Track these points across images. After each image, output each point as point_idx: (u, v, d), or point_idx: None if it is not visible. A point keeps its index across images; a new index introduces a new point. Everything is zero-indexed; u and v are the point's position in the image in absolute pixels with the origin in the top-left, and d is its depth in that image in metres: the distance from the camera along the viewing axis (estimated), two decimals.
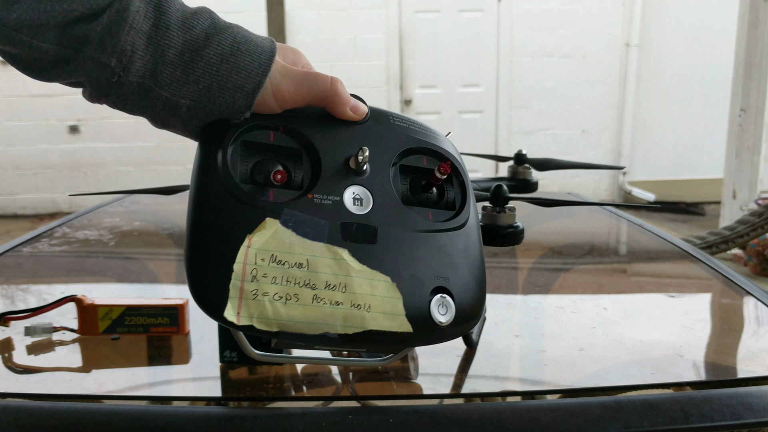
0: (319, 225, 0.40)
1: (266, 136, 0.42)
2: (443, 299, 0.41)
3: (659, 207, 5.38)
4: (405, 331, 0.40)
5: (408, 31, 5.17)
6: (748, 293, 0.82)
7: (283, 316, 0.38)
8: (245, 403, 0.56)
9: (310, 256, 0.39)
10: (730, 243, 2.81)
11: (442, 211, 0.44)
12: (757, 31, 3.53)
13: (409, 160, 0.45)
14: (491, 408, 0.51)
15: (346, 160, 0.43)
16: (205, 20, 0.40)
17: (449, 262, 0.42)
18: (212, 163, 0.40)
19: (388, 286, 0.40)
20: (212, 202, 0.39)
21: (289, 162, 0.42)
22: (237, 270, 0.38)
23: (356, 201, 0.42)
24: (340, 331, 0.39)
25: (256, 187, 0.40)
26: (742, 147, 3.65)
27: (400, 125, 0.46)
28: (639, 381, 0.58)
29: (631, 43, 5.26)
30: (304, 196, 0.41)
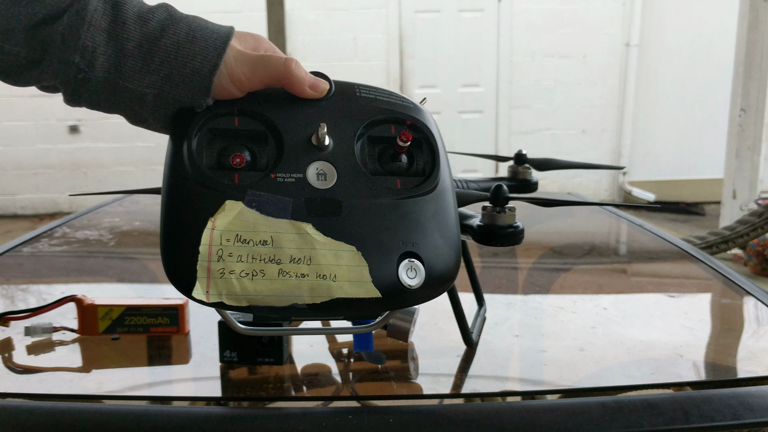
0: (282, 202, 0.42)
1: (231, 122, 0.44)
2: (411, 263, 0.42)
3: (659, 207, 5.38)
4: (373, 296, 0.41)
5: (408, 31, 5.17)
6: (748, 293, 0.82)
7: (251, 292, 0.40)
8: (245, 403, 0.56)
9: (274, 233, 0.41)
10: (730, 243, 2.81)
11: (412, 178, 0.45)
12: (757, 31, 3.53)
13: (377, 131, 0.46)
14: (491, 408, 0.51)
15: (308, 137, 0.44)
16: (161, 13, 0.43)
17: (418, 227, 0.43)
18: (180, 152, 0.42)
19: (353, 255, 0.41)
20: (180, 190, 0.42)
21: (255, 144, 0.44)
22: (203, 251, 0.40)
23: (320, 176, 0.43)
24: (308, 302, 0.41)
25: (222, 172, 0.42)
26: (742, 147, 3.65)
27: (366, 96, 0.47)
28: (639, 381, 0.58)
29: (631, 43, 5.26)
30: (267, 176, 0.42)
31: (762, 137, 3.77)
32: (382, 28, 5.15)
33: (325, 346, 0.67)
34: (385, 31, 5.16)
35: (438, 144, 0.47)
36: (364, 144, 0.45)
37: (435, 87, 5.25)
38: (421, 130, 0.46)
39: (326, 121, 0.44)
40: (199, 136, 0.43)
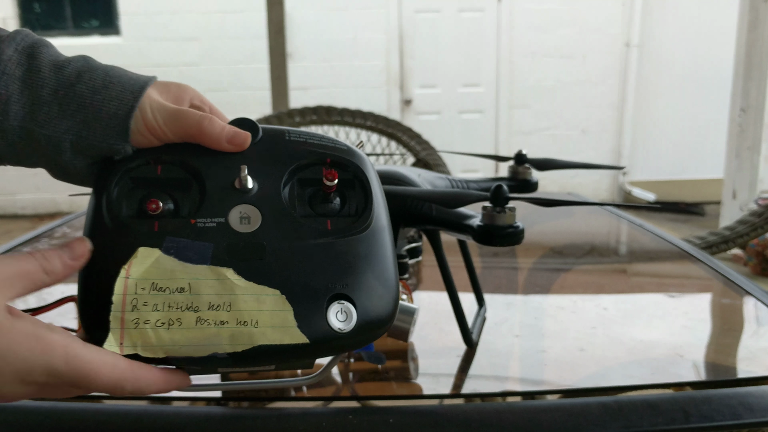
0: (202, 248, 0.40)
1: (153, 170, 0.43)
2: (342, 305, 0.40)
3: (659, 207, 5.38)
4: (299, 342, 0.39)
5: (408, 31, 5.17)
6: (748, 293, 0.82)
7: (167, 342, 0.38)
8: (245, 403, 0.56)
9: (192, 280, 0.39)
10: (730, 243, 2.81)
11: (343, 219, 0.44)
12: (757, 31, 3.53)
13: (306, 173, 0.44)
14: (491, 408, 0.51)
15: (232, 182, 0.43)
16: (77, 62, 0.43)
17: (349, 268, 0.41)
18: (100, 202, 0.41)
19: (276, 299, 0.39)
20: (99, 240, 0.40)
21: (178, 192, 0.42)
22: (116, 301, 0.38)
23: (243, 220, 0.42)
24: (228, 350, 0.38)
25: (142, 221, 0.41)
26: (742, 147, 3.65)
27: (296, 140, 0.46)
28: (639, 381, 0.58)
29: (631, 43, 5.26)
30: (188, 221, 0.41)
31: (762, 137, 3.77)
32: (382, 28, 5.15)
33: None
34: (385, 31, 5.16)
35: (372, 182, 0.45)
36: (293, 187, 0.44)
37: (435, 87, 5.25)
38: (352, 169, 0.45)
39: (252, 164, 0.43)
40: (120, 185, 0.42)
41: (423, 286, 0.89)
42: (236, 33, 5.05)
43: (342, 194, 0.45)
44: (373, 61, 5.18)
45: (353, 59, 5.17)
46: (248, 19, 4.97)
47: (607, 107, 5.40)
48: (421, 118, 5.25)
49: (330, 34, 5.12)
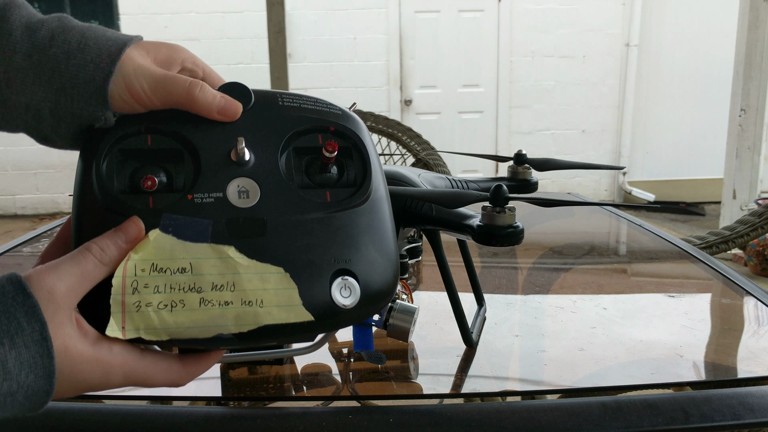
0: (201, 225, 0.39)
1: (143, 141, 0.40)
2: (345, 281, 0.39)
3: (659, 207, 5.38)
4: (305, 320, 0.38)
5: (408, 31, 5.17)
6: (748, 293, 0.82)
7: (171, 324, 0.37)
8: (245, 403, 0.56)
9: (193, 259, 0.38)
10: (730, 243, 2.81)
11: (343, 189, 0.42)
12: (757, 31, 3.53)
13: (302, 142, 0.43)
14: (491, 408, 0.51)
15: (227, 153, 0.41)
16: (52, 22, 0.40)
17: (351, 241, 0.40)
18: (89, 176, 0.39)
19: (281, 277, 0.38)
20: (91, 217, 0.39)
21: (170, 164, 0.40)
22: (116, 284, 0.37)
23: (242, 194, 0.40)
24: (233, 331, 0.37)
25: (135, 196, 0.39)
26: (742, 147, 3.65)
27: (290, 106, 0.44)
28: (639, 381, 0.58)
29: (631, 43, 5.26)
30: (184, 197, 0.39)
31: (762, 137, 3.77)
32: (382, 28, 5.15)
33: (325, 346, 0.67)
34: (385, 31, 5.16)
35: (369, 151, 0.44)
36: (289, 156, 0.42)
37: (435, 87, 5.25)
38: (350, 137, 0.44)
39: (246, 134, 0.41)
40: (109, 158, 0.40)
41: (423, 286, 0.89)
42: (236, 33, 5.05)
43: (339, 163, 0.43)
44: (373, 61, 5.19)
45: (353, 59, 5.17)
46: (248, 19, 4.97)
47: (607, 107, 5.40)
48: (421, 118, 5.25)
49: (330, 34, 5.12)
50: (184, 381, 0.39)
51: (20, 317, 0.32)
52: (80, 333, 0.35)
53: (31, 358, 0.32)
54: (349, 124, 0.45)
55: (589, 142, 5.44)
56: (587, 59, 5.30)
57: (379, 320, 0.62)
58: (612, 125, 5.43)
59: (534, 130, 5.38)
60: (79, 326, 0.35)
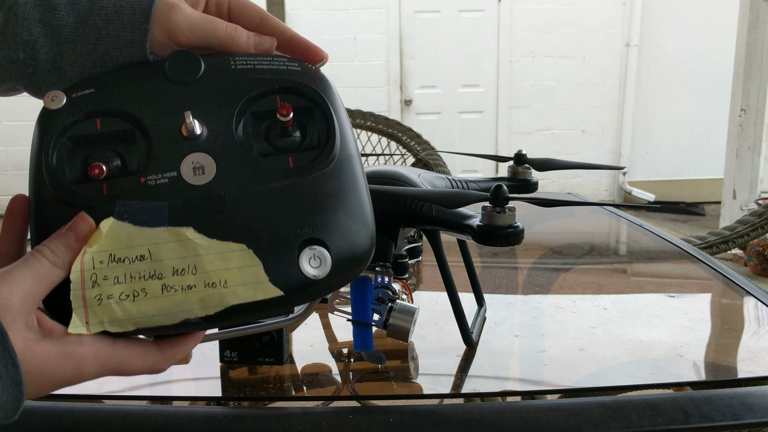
0: (156, 209, 0.37)
1: (93, 125, 0.39)
2: (314, 251, 0.37)
3: (659, 207, 5.38)
4: (274, 296, 0.37)
5: (408, 31, 5.17)
6: (748, 293, 0.82)
7: (135, 314, 0.36)
8: (245, 403, 0.56)
9: (151, 245, 0.36)
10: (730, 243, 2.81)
11: (306, 153, 0.40)
12: (757, 31, 3.53)
13: (260, 106, 0.41)
14: (491, 408, 0.51)
15: (179, 129, 0.39)
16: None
17: (318, 208, 0.38)
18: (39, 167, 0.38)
19: (243, 254, 0.37)
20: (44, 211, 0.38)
21: (123, 146, 0.39)
22: (75, 279, 0.36)
23: (197, 170, 0.38)
24: (200, 315, 0.36)
25: (88, 185, 0.38)
26: (742, 147, 3.65)
27: (243, 68, 0.41)
28: (639, 381, 0.58)
29: (631, 43, 5.26)
30: (137, 181, 0.38)
31: (762, 137, 3.77)
32: (382, 28, 5.15)
33: (325, 346, 0.67)
34: (385, 31, 5.16)
35: (334, 108, 0.41)
36: (247, 123, 0.40)
37: (435, 87, 5.25)
38: (310, 95, 0.41)
39: (198, 105, 0.40)
40: (58, 148, 0.39)
41: (423, 286, 0.89)
42: None
43: (302, 124, 0.41)
44: (373, 61, 5.19)
45: (353, 59, 5.17)
46: None
47: (607, 107, 5.40)
48: (421, 118, 5.25)
49: (330, 34, 5.12)
50: (163, 366, 0.38)
51: None
52: (43, 333, 0.35)
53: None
54: (310, 80, 0.42)
55: (589, 142, 5.44)
56: (587, 59, 5.30)
57: (379, 320, 0.62)
58: (612, 125, 5.43)
59: (534, 130, 5.38)
60: (42, 326, 0.35)
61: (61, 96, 0.40)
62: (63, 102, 0.40)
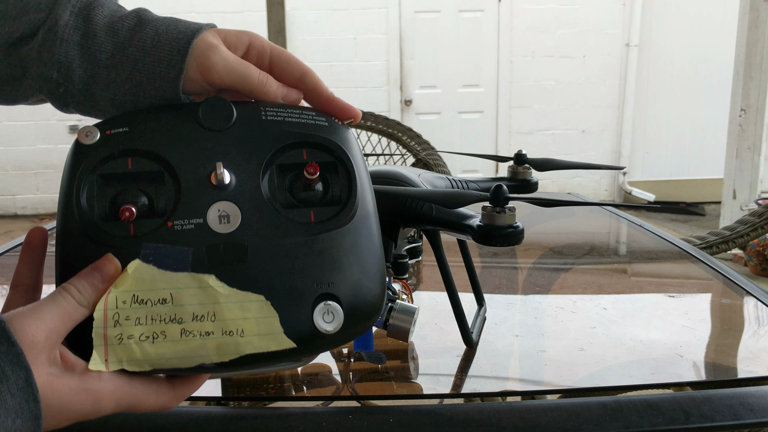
0: (181, 254, 0.38)
1: (124, 165, 0.40)
2: (328, 306, 0.39)
3: (659, 207, 5.38)
4: (287, 347, 0.38)
5: (408, 31, 5.17)
6: (748, 293, 0.82)
7: (153, 356, 0.37)
8: (245, 403, 0.56)
9: (173, 290, 0.38)
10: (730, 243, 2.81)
11: (327, 208, 0.41)
12: (757, 31, 3.53)
13: (286, 158, 0.42)
14: (491, 408, 0.51)
15: (208, 176, 0.40)
16: (131, 19, 0.43)
17: (334, 264, 0.40)
18: (69, 203, 0.40)
19: (262, 305, 0.38)
20: (72, 247, 0.39)
21: (152, 187, 0.40)
22: (98, 317, 0.37)
23: (222, 219, 0.39)
24: (215, 360, 0.38)
25: (116, 224, 0.39)
26: (742, 147, 3.66)
27: (273, 120, 0.43)
28: (639, 381, 0.58)
29: (631, 43, 5.26)
30: (164, 224, 0.39)
31: (762, 137, 3.77)
32: (382, 28, 5.15)
33: None
34: (385, 31, 5.16)
35: (356, 166, 0.43)
36: (272, 174, 0.41)
37: (435, 87, 5.25)
38: (335, 152, 0.42)
39: (228, 153, 0.41)
40: (89, 184, 0.40)
41: (423, 286, 0.89)
42: None
43: (325, 179, 0.42)
44: (373, 61, 5.19)
45: (353, 59, 5.17)
46: (248, 20, 4.97)
47: (607, 107, 5.40)
48: (421, 118, 5.25)
49: (330, 34, 5.12)
50: (173, 403, 0.39)
51: (5, 366, 0.32)
52: (65, 368, 0.36)
53: (17, 404, 0.32)
54: (335, 136, 0.43)
55: (589, 142, 5.44)
56: (587, 59, 5.30)
57: (379, 320, 0.62)
58: (612, 125, 5.43)
59: (534, 130, 5.38)
60: (65, 361, 0.36)
61: (95, 132, 0.41)
62: (96, 138, 0.41)
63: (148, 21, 0.43)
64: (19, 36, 0.42)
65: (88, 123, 0.43)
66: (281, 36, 3.48)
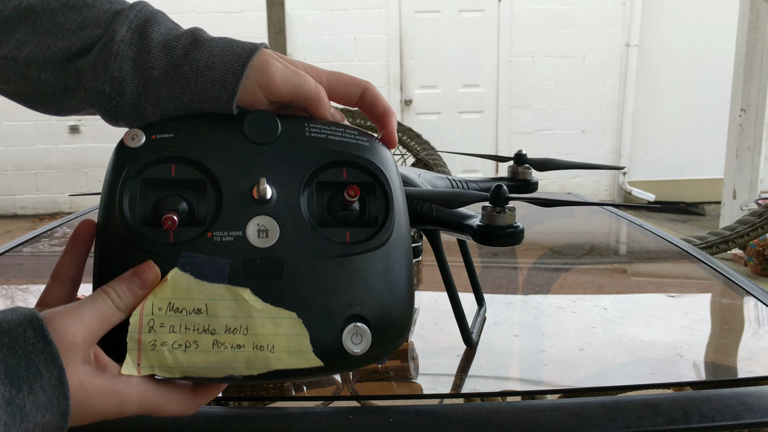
0: (218, 265, 0.39)
1: (167, 171, 0.41)
2: (357, 328, 0.39)
3: (659, 207, 5.38)
4: (315, 366, 0.39)
5: (408, 31, 5.17)
6: (748, 293, 0.82)
7: (184, 364, 0.38)
8: (245, 403, 0.56)
9: (209, 300, 0.38)
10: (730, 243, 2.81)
11: (363, 229, 0.42)
12: (757, 31, 3.53)
13: (326, 176, 0.42)
14: (491, 408, 0.51)
15: (249, 190, 0.40)
16: (186, 39, 0.43)
17: (366, 286, 0.40)
18: (111, 205, 0.40)
19: (293, 323, 0.39)
20: (111, 247, 0.39)
21: (193, 195, 0.40)
22: (133, 322, 0.38)
23: (261, 233, 0.40)
24: (244, 373, 0.38)
25: (156, 230, 0.39)
26: (742, 147, 3.66)
27: (316, 137, 0.43)
28: (639, 381, 0.58)
29: (631, 43, 5.26)
30: (204, 234, 0.39)
31: (762, 137, 3.78)
32: (382, 28, 5.15)
33: None
34: (385, 31, 5.16)
35: (394, 188, 0.43)
36: (312, 192, 0.42)
37: (435, 87, 5.25)
38: (374, 173, 0.43)
39: (270, 167, 0.41)
40: (132, 188, 0.40)
41: (423, 286, 0.89)
42: (236, 33, 5.02)
43: (362, 199, 0.43)
44: (373, 61, 5.19)
45: (353, 59, 5.17)
46: (248, 19, 4.97)
47: (607, 107, 5.40)
48: (421, 118, 5.25)
49: (330, 34, 5.12)
50: (192, 410, 0.40)
51: (39, 364, 0.33)
52: (98, 369, 0.37)
53: (48, 401, 0.33)
54: (375, 158, 0.43)
55: (589, 142, 5.44)
56: (587, 59, 5.30)
57: None
58: (612, 125, 5.43)
59: (534, 130, 5.38)
60: (98, 361, 0.37)
61: (141, 135, 0.41)
62: (142, 141, 0.41)
63: (204, 41, 0.43)
64: (77, 50, 0.42)
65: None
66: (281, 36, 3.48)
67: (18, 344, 0.33)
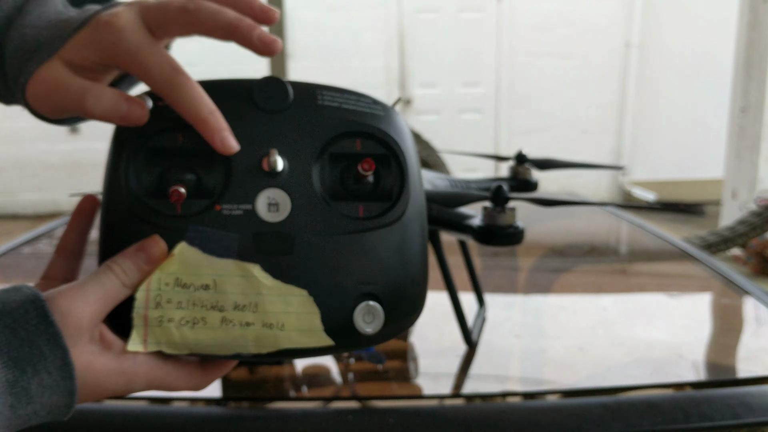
0: (227, 240, 0.37)
1: (175, 139, 0.38)
2: (369, 307, 0.38)
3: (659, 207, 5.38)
4: (325, 345, 0.38)
5: (408, 31, 5.17)
6: (748, 293, 0.82)
7: (191, 341, 0.37)
8: (245, 403, 0.56)
9: (217, 276, 0.37)
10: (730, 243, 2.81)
11: (377, 204, 0.40)
12: (757, 31, 3.53)
13: (340, 147, 0.40)
14: (491, 408, 0.51)
15: (259, 161, 0.38)
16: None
17: (380, 263, 0.39)
18: (116, 174, 0.38)
19: (304, 300, 0.37)
20: (116, 219, 0.38)
21: (201, 166, 0.38)
22: (140, 297, 0.37)
23: (271, 207, 0.38)
24: (252, 351, 0.37)
25: (162, 202, 0.37)
26: (742, 147, 3.65)
27: (329, 105, 0.40)
28: (639, 381, 0.58)
29: (631, 43, 5.26)
30: (212, 207, 0.38)
31: (762, 137, 3.77)
32: (382, 28, 5.15)
33: None
34: (385, 31, 5.16)
35: (409, 162, 0.41)
36: (324, 163, 0.40)
37: (435, 87, 5.25)
38: (389, 145, 0.40)
39: (281, 138, 0.39)
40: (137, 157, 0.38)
41: None
42: None
43: (376, 171, 0.41)
44: (373, 61, 5.18)
45: (353, 59, 5.17)
46: None
47: (607, 107, 5.40)
48: (421, 118, 5.25)
49: (330, 34, 5.12)
50: (203, 386, 0.40)
51: (42, 346, 0.33)
52: (103, 347, 0.36)
53: (53, 382, 0.33)
54: (391, 129, 0.41)
55: (589, 142, 5.43)
56: (587, 59, 5.30)
57: None
58: (612, 125, 5.43)
59: (534, 130, 5.38)
60: (103, 339, 0.36)
61: (147, 101, 0.39)
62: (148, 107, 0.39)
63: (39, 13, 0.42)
64: None
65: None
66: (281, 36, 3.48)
67: (20, 325, 0.33)
